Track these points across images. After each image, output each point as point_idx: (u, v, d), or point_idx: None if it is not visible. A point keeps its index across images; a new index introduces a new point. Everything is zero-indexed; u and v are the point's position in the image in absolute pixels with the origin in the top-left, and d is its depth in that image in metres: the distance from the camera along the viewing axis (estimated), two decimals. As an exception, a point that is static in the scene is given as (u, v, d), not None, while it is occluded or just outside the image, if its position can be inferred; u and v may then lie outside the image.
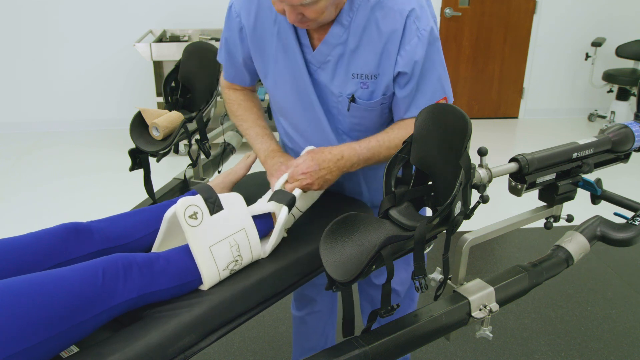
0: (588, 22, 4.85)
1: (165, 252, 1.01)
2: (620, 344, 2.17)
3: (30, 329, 0.79)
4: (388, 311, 0.92)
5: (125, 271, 0.91)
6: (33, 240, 0.98)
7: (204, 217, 1.01)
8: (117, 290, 0.89)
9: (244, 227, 1.06)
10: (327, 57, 1.19)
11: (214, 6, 4.38)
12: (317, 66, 1.21)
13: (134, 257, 0.95)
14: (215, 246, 1.01)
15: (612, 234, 1.18)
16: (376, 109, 1.22)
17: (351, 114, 1.23)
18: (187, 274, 0.99)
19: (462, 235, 1.09)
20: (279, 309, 2.37)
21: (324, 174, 1.15)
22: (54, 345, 0.82)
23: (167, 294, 0.97)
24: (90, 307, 0.86)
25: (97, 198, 3.38)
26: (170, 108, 1.49)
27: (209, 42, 1.53)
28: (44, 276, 0.85)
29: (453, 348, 2.13)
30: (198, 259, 0.99)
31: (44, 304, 0.81)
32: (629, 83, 4.50)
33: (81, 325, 0.85)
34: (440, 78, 1.19)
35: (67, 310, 0.83)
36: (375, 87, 1.18)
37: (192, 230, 0.99)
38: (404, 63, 1.14)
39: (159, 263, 0.97)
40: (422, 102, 1.18)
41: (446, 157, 0.96)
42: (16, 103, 4.53)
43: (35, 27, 4.32)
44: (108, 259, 0.92)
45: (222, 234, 1.03)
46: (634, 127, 1.24)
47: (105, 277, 0.89)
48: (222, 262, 1.02)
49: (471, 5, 4.71)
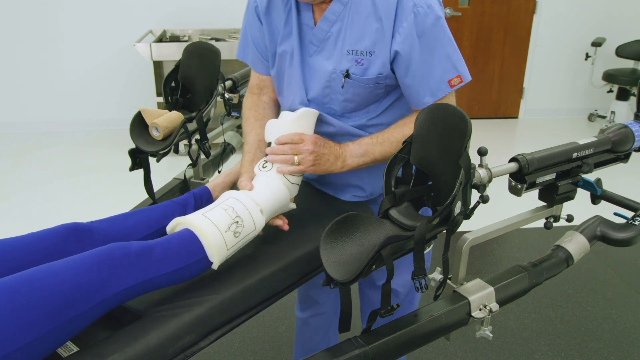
0: (588, 22, 4.85)
1: (165, 237, 0.99)
2: (620, 344, 2.17)
3: (28, 325, 0.78)
4: (388, 311, 0.92)
5: (122, 260, 0.90)
6: (33, 240, 0.98)
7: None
8: (113, 280, 0.88)
9: (230, 196, 1.08)
10: (327, 34, 1.20)
11: (214, 6, 4.38)
12: (317, 45, 1.22)
13: (130, 245, 0.93)
14: (209, 212, 1.02)
15: (612, 234, 1.18)
16: (369, 87, 1.21)
17: (345, 91, 1.22)
18: (190, 254, 0.97)
19: (462, 235, 1.09)
20: (279, 309, 2.37)
21: (322, 163, 1.17)
22: (52, 339, 0.82)
23: (172, 278, 0.96)
24: (87, 298, 0.85)
25: (97, 198, 3.38)
26: (170, 108, 1.49)
27: (209, 42, 1.53)
28: (38, 271, 0.84)
29: (453, 348, 2.13)
30: (195, 225, 0.98)
31: (39, 299, 0.80)
32: (629, 83, 4.50)
33: (80, 316, 0.84)
34: (450, 56, 1.16)
35: (65, 302, 0.82)
36: (370, 64, 1.17)
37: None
38: (401, 40, 1.13)
39: (158, 248, 0.95)
40: (433, 84, 1.16)
41: (446, 157, 0.96)
42: (16, 103, 4.53)
43: (35, 27, 4.32)
44: (103, 249, 0.91)
45: (212, 205, 1.06)
46: (634, 127, 1.24)
47: (100, 267, 0.87)
48: (222, 223, 1.01)
49: (471, 5, 4.71)
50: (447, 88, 1.18)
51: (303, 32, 1.23)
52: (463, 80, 1.19)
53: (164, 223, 1.15)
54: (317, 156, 1.16)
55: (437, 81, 1.16)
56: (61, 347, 0.88)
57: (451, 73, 1.17)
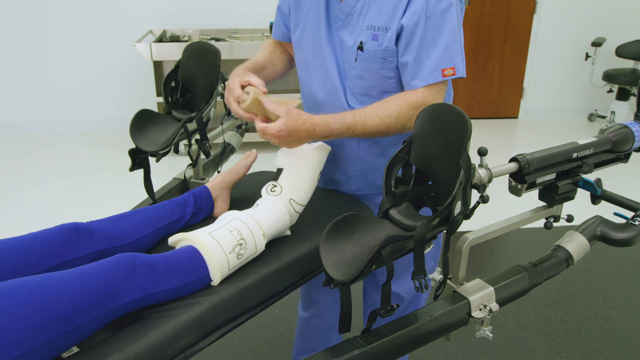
0: (588, 22, 4.85)
1: (169, 252, 1.01)
2: (620, 344, 2.17)
3: (33, 332, 0.79)
4: (388, 311, 0.92)
5: (128, 273, 0.91)
6: (33, 240, 0.98)
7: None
8: (120, 292, 0.89)
9: (236, 217, 1.09)
10: (353, 9, 1.23)
11: (214, 6, 4.38)
12: (343, 19, 1.25)
13: (137, 258, 0.94)
14: (215, 232, 1.03)
15: (612, 234, 1.18)
16: (377, 62, 1.22)
17: (357, 65, 1.24)
18: (194, 272, 0.98)
19: (462, 235, 1.09)
20: (279, 309, 2.37)
21: (291, 140, 1.15)
22: (56, 347, 0.82)
23: (173, 294, 0.97)
24: (94, 309, 0.86)
25: (97, 198, 3.38)
26: (170, 108, 1.49)
27: (209, 42, 1.53)
28: (46, 278, 0.85)
29: (453, 348, 2.13)
30: (201, 243, 0.99)
31: (47, 307, 0.81)
32: (629, 83, 4.50)
33: (84, 326, 0.85)
34: (449, 47, 1.18)
35: (71, 312, 0.83)
36: (384, 40, 1.20)
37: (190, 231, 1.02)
38: (409, 16, 1.16)
39: (163, 263, 0.96)
40: (426, 68, 1.18)
41: (446, 157, 0.96)
42: (16, 103, 4.53)
43: (35, 27, 4.32)
44: (111, 261, 0.92)
45: (218, 224, 1.07)
46: (634, 127, 1.24)
47: (108, 279, 0.88)
48: (227, 244, 1.02)
49: (471, 5, 4.71)
50: (439, 76, 1.19)
51: (331, 6, 1.27)
52: (456, 73, 1.20)
53: (164, 223, 1.15)
54: (284, 138, 1.14)
55: (431, 67, 1.18)
56: (61, 348, 0.88)
57: (446, 63, 1.18)
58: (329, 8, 1.27)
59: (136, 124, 1.38)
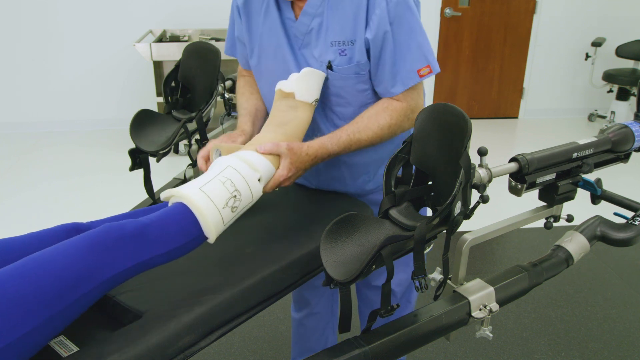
0: (588, 22, 4.85)
1: (158, 215, 0.95)
2: (620, 344, 2.17)
3: (18, 319, 0.76)
4: (388, 311, 0.92)
5: (116, 242, 0.87)
6: (33, 240, 0.98)
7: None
8: (107, 263, 0.86)
9: (229, 164, 1.03)
10: (309, 27, 1.20)
11: (214, 6, 4.38)
12: (301, 38, 1.22)
13: (124, 226, 0.90)
14: (206, 186, 0.97)
15: (612, 234, 1.18)
16: (351, 78, 1.21)
17: (331, 84, 1.23)
18: (187, 232, 0.94)
19: (462, 235, 1.09)
20: (279, 309, 2.37)
21: (300, 174, 1.17)
22: (46, 331, 0.80)
23: (168, 257, 0.93)
24: (81, 284, 0.82)
25: (97, 198, 3.38)
26: (170, 108, 1.49)
27: (209, 42, 1.53)
28: (28, 260, 0.82)
29: (453, 348, 2.13)
30: (192, 201, 0.94)
31: (30, 290, 0.78)
32: (629, 83, 4.50)
33: (73, 305, 0.82)
34: (421, 46, 1.18)
35: (57, 291, 0.80)
36: (353, 53, 1.18)
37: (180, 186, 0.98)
38: (375, 27, 1.14)
39: (153, 227, 0.92)
40: (403, 73, 1.18)
41: (446, 157, 0.96)
42: (16, 103, 4.53)
43: (35, 27, 4.32)
44: (96, 232, 0.88)
45: (209, 175, 1.01)
46: (634, 127, 1.24)
47: (94, 251, 0.85)
48: (219, 199, 0.96)
49: (471, 5, 4.71)
50: (417, 77, 1.19)
51: (287, 25, 1.24)
52: (432, 70, 1.20)
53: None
54: (294, 175, 1.15)
55: (407, 70, 1.18)
56: (61, 347, 0.88)
57: (420, 63, 1.19)
58: (286, 28, 1.24)
59: (136, 124, 1.38)
